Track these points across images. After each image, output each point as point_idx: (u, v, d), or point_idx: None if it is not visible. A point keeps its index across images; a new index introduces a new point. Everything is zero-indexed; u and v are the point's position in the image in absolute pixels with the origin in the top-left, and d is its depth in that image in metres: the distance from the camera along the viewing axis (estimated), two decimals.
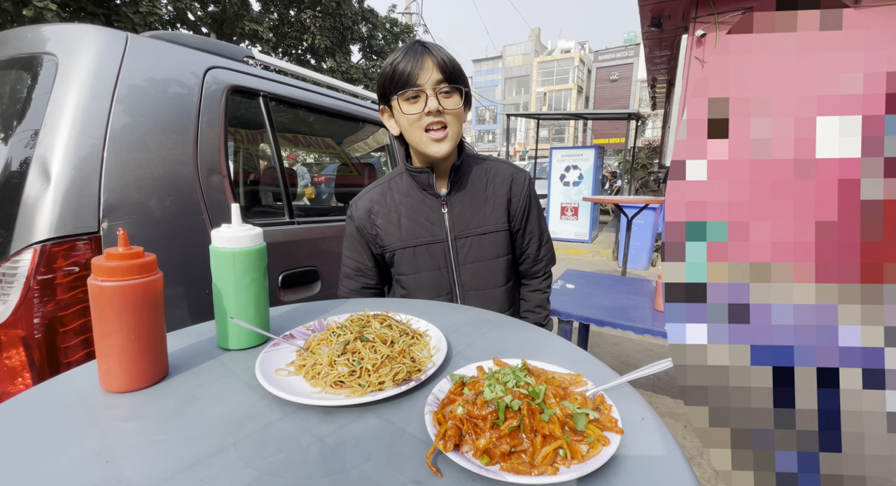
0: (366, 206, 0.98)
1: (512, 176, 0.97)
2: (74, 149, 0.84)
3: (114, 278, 0.45)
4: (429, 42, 0.86)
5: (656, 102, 12.16)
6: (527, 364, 0.48)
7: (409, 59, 0.83)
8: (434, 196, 0.94)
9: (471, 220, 0.93)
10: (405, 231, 0.94)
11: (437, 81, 0.83)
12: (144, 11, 5.75)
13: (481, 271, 0.94)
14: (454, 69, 0.84)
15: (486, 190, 0.95)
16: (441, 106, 0.84)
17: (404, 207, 0.95)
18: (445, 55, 0.84)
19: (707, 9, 5.14)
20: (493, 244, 0.94)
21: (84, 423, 0.43)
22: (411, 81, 0.83)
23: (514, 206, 0.96)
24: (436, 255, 0.93)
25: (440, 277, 0.94)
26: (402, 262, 0.95)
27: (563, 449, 0.36)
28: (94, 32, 0.93)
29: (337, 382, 0.49)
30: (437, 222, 0.93)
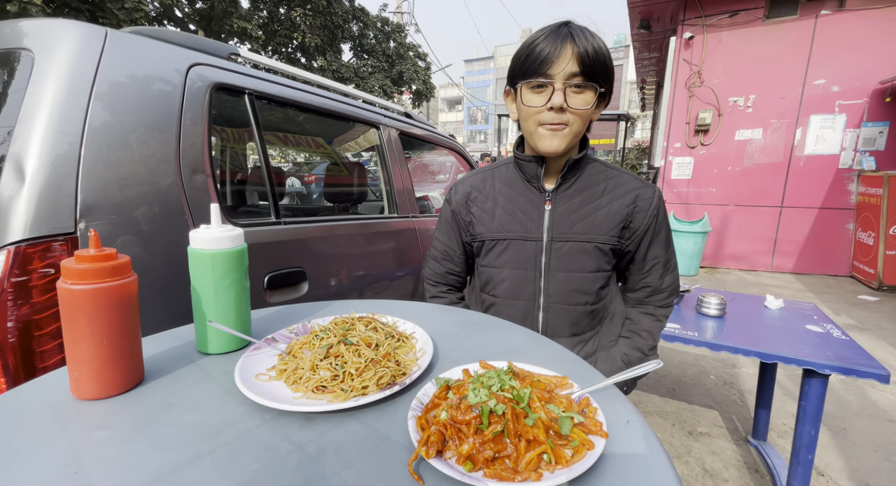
0: (465, 191, 0.92)
1: (638, 191, 0.85)
2: (50, 147, 0.82)
3: (84, 281, 0.43)
4: (577, 25, 0.76)
5: (645, 104, 12.27)
6: (512, 367, 0.47)
7: (549, 43, 0.73)
8: (538, 190, 0.85)
9: (575, 224, 0.83)
10: (498, 222, 0.87)
11: (572, 73, 0.73)
12: (130, 7, 5.64)
13: (574, 283, 0.84)
14: (596, 62, 0.73)
15: (602, 197, 0.84)
16: (567, 103, 0.74)
17: (503, 197, 0.88)
18: (591, 45, 0.73)
19: (695, 11, 5.20)
20: (593, 257, 0.84)
21: (52, 432, 0.41)
22: (542, 69, 0.74)
23: (636, 223, 0.85)
24: (525, 254, 0.85)
25: (524, 279, 0.86)
26: (489, 253, 0.89)
27: (548, 454, 0.35)
28: (72, 27, 0.90)
29: (319, 387, 0.48)
30: (535, 219, 0.84)
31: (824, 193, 4.98)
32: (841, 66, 4.72)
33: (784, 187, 5.14)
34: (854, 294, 4.27)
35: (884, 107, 4.61)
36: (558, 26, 0.75)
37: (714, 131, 5.34)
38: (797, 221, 5.13)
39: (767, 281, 4.88)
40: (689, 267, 5.10)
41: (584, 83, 0.74)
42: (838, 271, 5.04)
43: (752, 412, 2.07)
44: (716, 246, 5.54)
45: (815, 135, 4.93)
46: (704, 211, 5.40)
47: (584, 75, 0.73)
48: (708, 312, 1.67)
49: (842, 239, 4.97)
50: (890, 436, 1.95)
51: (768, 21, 4.96)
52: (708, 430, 2.00)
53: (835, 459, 1.79)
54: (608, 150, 25.88)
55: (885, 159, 4.67)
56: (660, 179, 5.77)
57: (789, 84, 4.95)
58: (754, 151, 5.22)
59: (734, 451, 1.84)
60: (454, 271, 0.98)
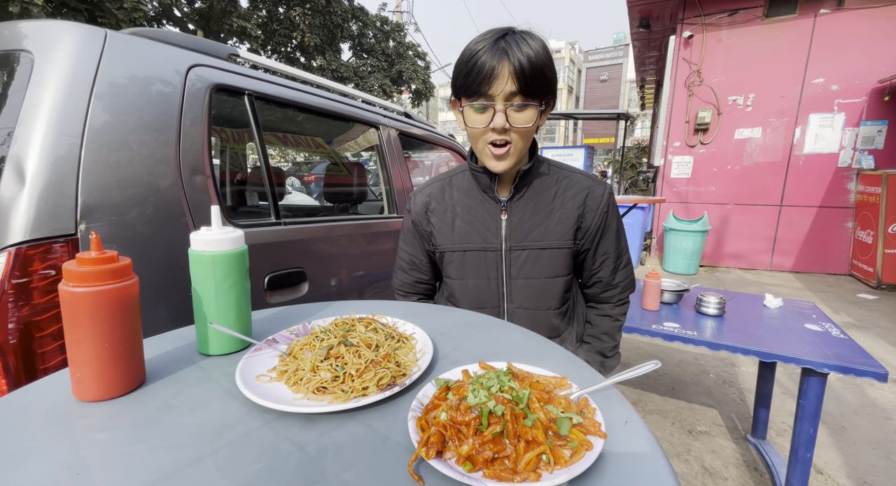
0: (423, 200, 0.93)
1: (588, 189, 0.86)
2: (51, 148, 0.82)
3: (86, 283, 0.43)
4: (515, 33, 0.73)
5: (645, 103, 12.28)
6: (512, 368, 0.48)
7: (488, 59, 0.71)
8: (494, 200, 0.86)
9: (531, 231, 0.84)
10: (457, 233, 0.88)
11: (510, 93, 0.72)
12: (129, 7, 5.63)
13: (534, 288, 0.86)
14: (532, 77, 0.71)
15: (554, 201, 0.85)
16: (509, 123, 0.74)
17: (461, 208, 0.88)
18: (527, 56, 0.70)
19: (694, 10, 5.20)
20: (551, 261, 0.85)
21: (54, 434, 0.41)
22: (482, 89, 0.73)
23: (587, 223, 0.86)
24: (486, 264, 0.86)
25: (488, 287, 0.87)
26: (451, 265, 0.89)
27: (546, 455, 0.35)
28: (71, 29, 0.90)
29: (319, 388, 0.48)
30: (492, 229, 0.85)
31: (823, 192, 4.99)
32: (840, 65, 4.73)
33: (783, 186, 5.15)
34: (853, 293, 4.28)
35: (882, 105, 4.62)
36: (496, 39, 0.72)
37: (713, 130, 5.34)
38: (796, 220, 5.14)
39: (767, 280, 4.89)
40: (688, 266, 5.10)
41: (523, 102, 0.74)
42: (837, 270, 5.05)
43: (751, 411, 2.08)
44: (715, 245, 5.55)
45: (814, 134, 4.94)
46: (704, 210, 5.41)
47: (524, 94, 0.73)
48: (707, 311, 1.68)
49: (841, 238, 4.97)
50: (888, 434, 1.96)
51: (767, 20, 4.96)
52: (707, 428, 2.01)
53: (833, 457, 1.80)
54: (608, 148, 25.86)
55: (883, 158, 4.68)
56: (659, 177, 5.77)
57: (788, 83, 4.96)
58: (754, 149, 5.22)
59: (733, 449, 1.85)
60: (422, 279, 0.98)
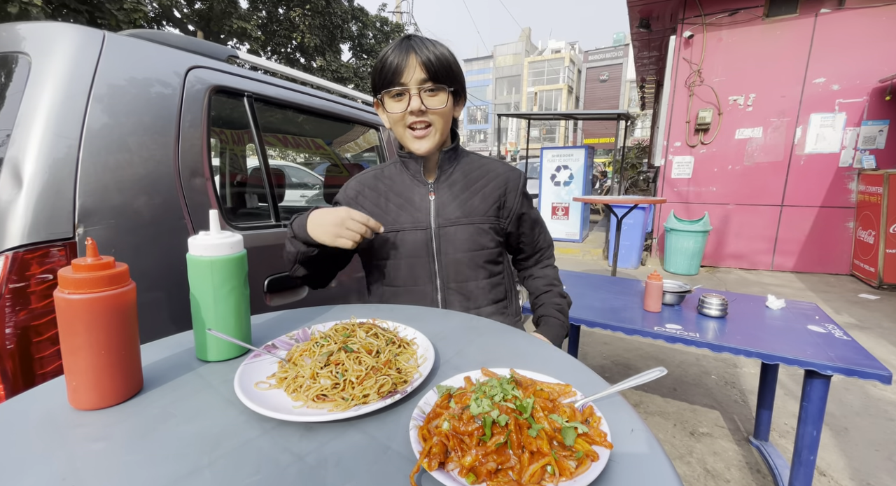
0: (355, 188, 0.99)
1: (507, 175, 0.98)
2: (48, 151, 0.81)
3: (82, 290, 0.43)
4: (419, 37, 0.85)
5: (645, 103, 12.26)
6: (515, 375, 0.47)
7: (395, 56, 0.83)
8: (422, 184, 0.94)
9: (457, 210, 0.92)
10: (390, 216, 0.93)
11: (421, 80, 0.83)
12: (129, 8, 5.63)
13: (463, 262, 0.92)
14: (440, 67, 0.83)
15: (477, 183, 0.95)
16: (424, 105, 0.84)
17: (393, 193, 0.95)
18: (432, 53, 0.83)
19: (694, 10, 5.19)
20: (476, 236, 0.92)
21: (49, 444, 0.41)
22: (396, 79, 0.83)
23: (510, 203, 0.96)
24: (417, 242, 0.92)
25: (420, 264, 0.92)
26: (383, 247, 0.94)
27: (552, 466, 0.35)
28: (69, 31, 0.90)
29: (319, 395, 0.48)
30: (423, 210, 0.92)
31: (824, 192, 4.97)
32: (841, 65, 4.71)
33: (784, 186, 5.13)
34: (854, 293, 4.26)
35: (884, 105, 4.61)
36: (401, 40, 0.84)
37: (714, 130, 5.33)
38: (798, 220, 5.13)
39: (768, 280, 4.88)
40: (689, 266, 5.09)
41: (434, 86, 0.84)
42: (839, 270, 5.03)
43: (753, 412, 2.07)
44: (716, 245, 5.54)
45: (815, 133, 4.93)
46: (705, 210, 5.39)
47: (433, 79, 0.83)
48: (709, 312, 1.67)
49: (842, 238, 4.96)
50: (891, 435, 1.95)
51: (768, 20, 4.95)
52: (709, 430, 2.00)
53: (836, 459, 1.79)
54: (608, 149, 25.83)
55: (885, 158, 4.67)
56: (660, 178, 5.76)
57: (789, 83, 4.95)
58: (754, 149, 5.21)
59: (736, 451, 1.84)
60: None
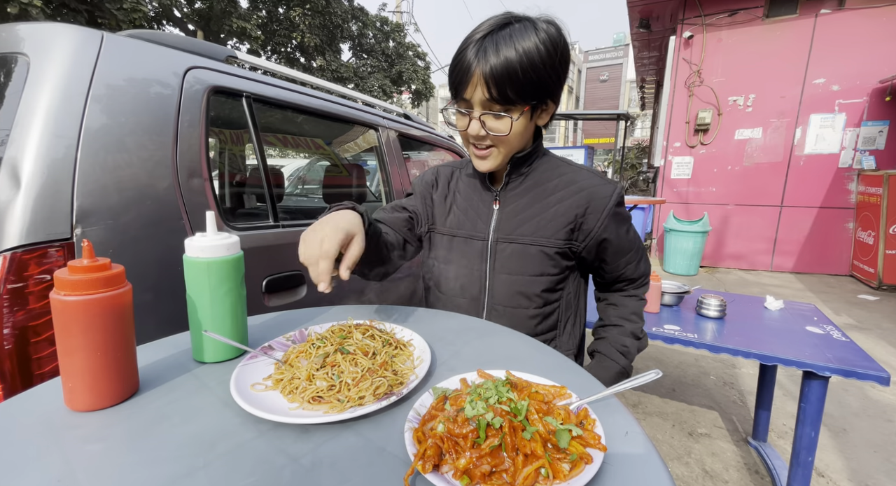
0: (430, 179, 0.93)
1: (592, 191, 0.78)
2: (46, 151, 0.81)
3: (77, 292, 0.43)
4: (509, 29, 0.67)
5: (645, 103, 12.26)
6: (510, 377, 0.47)
7: (460, 61, 0.68)
8: (488, 189, 0.84)
9: (521, 225, 0.80)
10: (451, 218, 0.87)
11: (486, 100, 0.68)
12: (128, 7, 5.63)
13: (517, 285, 0.81)
14: (512, 82, 0.66)
15: (551, 196, 0.80)
16: (484, 130, 0.71)
17: (460, 195, 0.88)
18: (504, 61, 0.65)
19: (694, 11, 5.19)
20: (537, 259, 0.80)
21: (45, 445, 0.41)
22: (459, 91, 0.71)
23: (589, 225, 0.78)
24: (471, 253, 0.83)
25: (470, 277, 0.84)
26: (438, 246, 0.88)
27: (545, 469, 0.35)
28: (68, 31, 0.90)
29: (315, 397, 0.48)
30: (484, 218, 0.83)
31: (824, 193, 4.98)
32: (840, 65, 4.72)
33: (784, 187, 5.14)
34: (854, 294, 4.27)
35: (883, 106, 4.61)
36: (483, 36, 0.67)
37: (714, 131, 5.33)
38: (797, 221, 5.13)
39: (767, 280, 4.88)
40: (688, 267, 5.09)
41: (501, 108, 0.70)
42: (838, 271, 5.03)
43: (752, 413, 2.07)
44: (715, 246, 5.54)
45: (814, 134, 4.93)
46: (704, 211, 5.39)
47: (501, 99, 0.68)
48: (708, 313, 1.67)
49: (842, 238, 4.96)
50: (889, 436, 1.95)
51: (768, 20, 4.95)
52: (708, 431, 2.00)
53: (835, 460, 1.79)
54: (608, 149, 25.88)
55: (884, 158, 4.67)
56: (660, 178, 5.76)
57: (789, 83, 4.95)
58: (754, 150, 5.21)
59: (734, 452, 1.84)
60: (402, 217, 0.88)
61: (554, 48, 0.68)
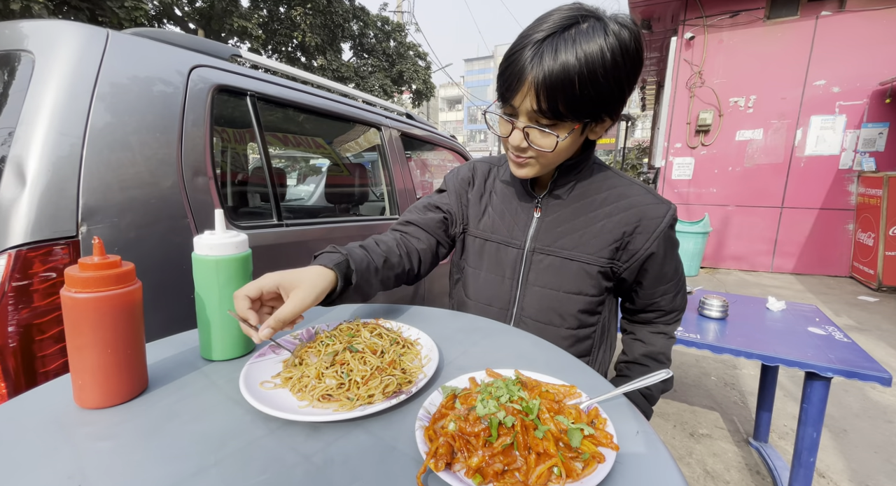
0: (467, 175, 0.86)
1: (644, 207, 0.73)
2: (52, 149, 0.81)
3: (88, 289, 0.43)
4: (575, 31, 0.58)
5: (646, 104, 12.27)
6: (520, 376, 0.47)
7: (513, 64, 0.60)
8: (529, 195, 0.78)
9: (562, 237, 0.75)
10: (485, 220, 0.81)
11: (534, 110, 0.62)
12: (129, 6, 5.62)
13: (549, 300, 0.76)
14: (565, 95, 0.59)
15: (599, 209, 0.74)
16: (527, 142, 0.65)
17: (497, 196, 0.82)
18: (560, 72, 0.57)
19: (696, 11, 5.19)
20: (576, 276, 0.74)
21: (55, 443, 0.41)
22: (507, 96, 0.64)
23: (636, 245, 0.73)
24: (504, 260, 0.79)
25: (501, 285, 0.79)
26: (470, 249, 0.84)
27: (558, 467, 0.35)
28: (73, 29, 0.90)
29: (325, 395, 0.48)
30: (521, 225, 0.78)
31: (824, 194, 4.98)
32: (841, 67, 4.72)
33: (784, 188, 5.14)
34: (854, 295, 4.27)
35: (883, 108, 4.61)
36: (545, 37, 0.58)
37: (715, 132, 5.34)
38: (797, 222, 5.14)
39: (768, 282, 4.88)
40: (689, 267, 5.10)
41: (549, 123, 0.63)
42: (838, 272, 5.04)
43: (753, 414, 2.07)
44: (716, 246, 5.54)
45: (815, 136, 4.93)
46: (705, 211, 5.40)
47: (550, 114, 0.61)
48: (710, 314, 1.67)
49: (842, 240, 4.97)
50: (890, 437, 1.95)
51: (769, 21, 4.96)
52: (709, 431, 2.00)
53: (835, 460, 1.79)
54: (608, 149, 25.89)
55: (884, 160, 4.68)
56: (660, 179, 5.76)
57: (790, 85, 4.95)
58: (755, 151, 5.22)
59: (735, 453, 1.84)
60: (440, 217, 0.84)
61: (623, 57, 0.59)
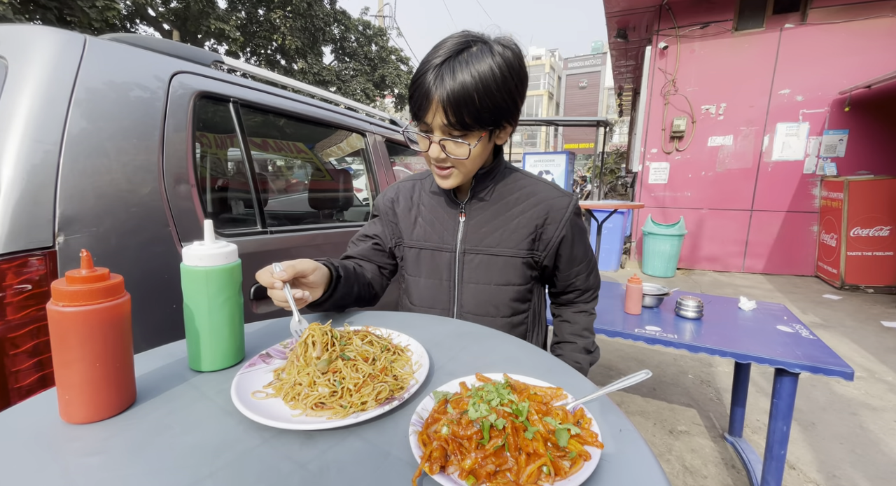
0: (391, 195, 0.94)
1: (551, 201, 0.84)
2: (27, 156, 0.79)
3: (76, 302, 0.42)
4: (468, 54, 0.67)
5: (623, 110, 12.61)
6: (509, 380, 0.49)
7: (420, 86, 0.69)
8: (453, 202, 0.86)
9: (486, 236, 0.84)
10: (417, 231, 0.89)
11: (444, 124, 0.70)
12: (101, 6, 5.45)
13: (484, 294, 0.85)
14: (469, 108, 0.67)
15: (514, 208, 0.84)
16: (444, 153, 0.73)
17: (425, 207, 0.90)
18: (460, 87, 0.66)
19: (669, 22, 5.39)
20: (504, 269, 0.84)
21: (43, 459, 0.40)
22: (419, 115, 0.72)
23: (548, 234, 0.83)
24: (439, 264, 0.87)
25: (439, 288, 0.87)
26: (408, 259, 0.91)
27: (547, 466, 0.36)
28: (48, 34, 0.88)
29: (318, 403, 0.48)
30: (450, 230, 0.86)
31: (790, 198, 5.23)
32: (804, 77, 4.98)
33: (754, 192, 5.37)
34: (819, 293, 4.48)
35: (843, 115, 4.88)
36: (444, 60, 0.67)
37: (688, 138, 5.53)
38: (766, 224, 5.36)
39: (740, 282, 5.07)
40: (666, 269, 5.25)
41: (460, 134, 0.71)
42: (804, 272, 5.28)
43: (727, 410, 2.15)
44: (691, 248, 5.73)
45: (781, 142, 5.18)
46: (680, 214, 5.58)
47: (459, 125, 0.69)
48: (686, 314, 1.73)
49: (807, 241, 5.21)
50: (853, 429, 2.06)
51: (737, 33, 5.19)
52: (687, 428, 2.07)
53: (804, 452, 1.88)
54: (587, 154, 26.40)
55: (845, 165, 4.94)
56: (638, 183, 5.93)
57: (757, 93, 5.19)
58: (726, 156, 5.43)
59: (712, 448, 1.91)
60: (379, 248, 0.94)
61: (510, 72, 0.69)
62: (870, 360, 2.83)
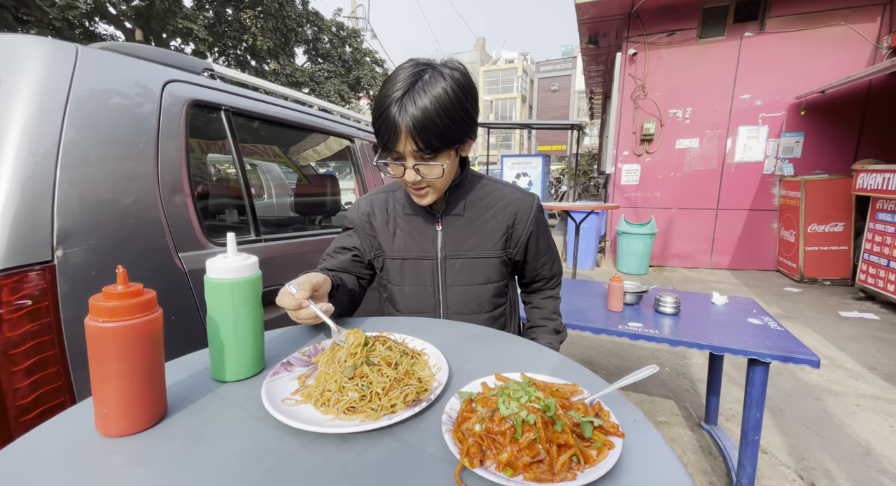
0: (366, 209, 0.97)
1: (517, 203, 0.92)
2: (23, 170, 0.77)
3: (114, 318, 0.43)
4: (423, 83, 0.72)
5: (594, 113, 12.97)
6: (532, 379, 0.52)
7: (386, 120, 0.74)
8: (430, 213, 0.92)
9: (464, 241, 0.90)
10: (397, 242, 0.93)
11: (415, 151, 0.75)
12: (62, 4, 5.18)
13: (468, 294, 0.92)
14: (434, 133, 0.73)
15: (486, 213, 0.91)
16: (419, 175, 0.79)
17: (401, 219, 0.94)
18: (423, 115, 0.71)
19: (637, 30, 5.61)
20: (483, 269, 0.91)
21: (86, 472, 0.41)
22: (390, 146, 0.77)
23: (518, 233, 0.92)
24: (423, 272, 0.92)
25: (424, 294, 0.93)
26: (390, 271, 0.94)
27: (577, 456, 0.40)
28: (39, 44, 0.85)
29: (349, 408, 0.50)
30: (429, 239, 0.91)
31: (752, 197, 5.53)
32: (763, 83, 5.28)
33: (719, 192, 5.65)
34: (780, 287, 4.77)
35: (799, 119, 5.21)
36: (403, 92, 0.72)
37: (657, 140, 5.77)
38: (730, 222, 5.65)
39: (708, 277, 5.33)
40: (639, 266, 5.45)
41: (431, 157, 0.76)
42: (766, 266, 5.60)
43: (703, 400, 2.27)
44: (662, 246, 5.97)
45: (742, 144, 5.48)
46: (651, 214, 5.81)
47: (429, 149, 0.75)
48: (665, 310, 1.82)
49: (768, 237, 5.53)
50: (818, 414, 2.22)
51: (701, 41, 5.45)
52: (667, 418, 2.17)
53: (775, 437, 2.01)
54: (561, 156, 26.94)
55: (801, 166, 5.27)
56: (611, 184, 6.13)
57: (720, 98, 5.47)
58: (692, 158, 5.70)
59: (690, 436, 2.02)
60: (357, 258, 0.96)
61: (462, 92, 0.75)
62: (830, 348, 3.04)
